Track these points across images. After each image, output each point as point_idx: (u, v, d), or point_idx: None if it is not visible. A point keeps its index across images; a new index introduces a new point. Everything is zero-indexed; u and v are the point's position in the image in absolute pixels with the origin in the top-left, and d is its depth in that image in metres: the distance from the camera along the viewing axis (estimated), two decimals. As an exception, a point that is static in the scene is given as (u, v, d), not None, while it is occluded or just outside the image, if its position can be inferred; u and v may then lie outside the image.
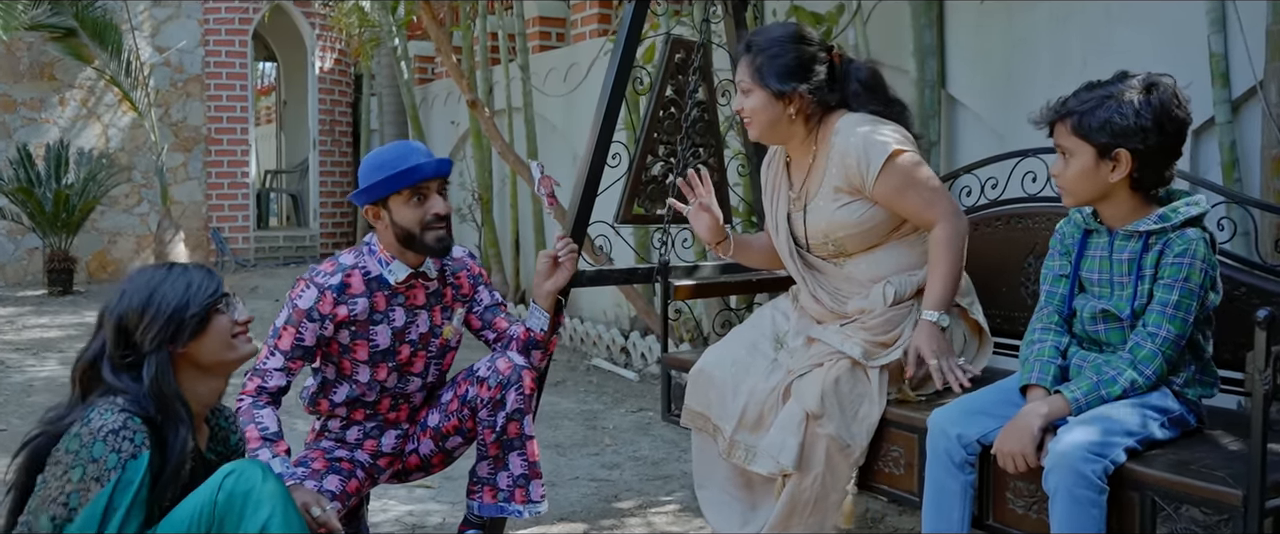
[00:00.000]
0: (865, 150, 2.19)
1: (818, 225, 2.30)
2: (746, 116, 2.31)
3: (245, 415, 2.19)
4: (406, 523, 2.97)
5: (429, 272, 2.38)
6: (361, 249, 2.37)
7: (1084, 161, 1.87)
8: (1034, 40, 3.44)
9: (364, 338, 2.32)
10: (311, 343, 2.28)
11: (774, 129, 2.29)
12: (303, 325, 2.26)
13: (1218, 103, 2.95)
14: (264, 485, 1.74)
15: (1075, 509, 1.71)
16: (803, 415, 2.12)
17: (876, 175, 2.19)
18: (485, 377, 2.37)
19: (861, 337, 2.18)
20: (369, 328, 2.32)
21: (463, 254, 2.52)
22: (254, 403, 2.22)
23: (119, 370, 1.77)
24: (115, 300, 1.80)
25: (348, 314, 2.29)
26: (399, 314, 2.35)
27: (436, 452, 2.47)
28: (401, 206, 2.27)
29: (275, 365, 2.26)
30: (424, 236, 2.28)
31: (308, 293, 2.28)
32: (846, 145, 2.21)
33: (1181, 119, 1.84)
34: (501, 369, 2.36)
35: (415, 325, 2.38)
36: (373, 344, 2.33)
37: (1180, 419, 1.87)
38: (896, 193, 2.20)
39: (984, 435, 1.91)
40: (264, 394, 2.24)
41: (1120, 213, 1.91)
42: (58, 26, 8.02)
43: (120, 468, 1.66)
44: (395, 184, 2.24)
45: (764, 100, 2.25)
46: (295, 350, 2.26)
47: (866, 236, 2.28)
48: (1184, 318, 1.83)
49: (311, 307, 2.26)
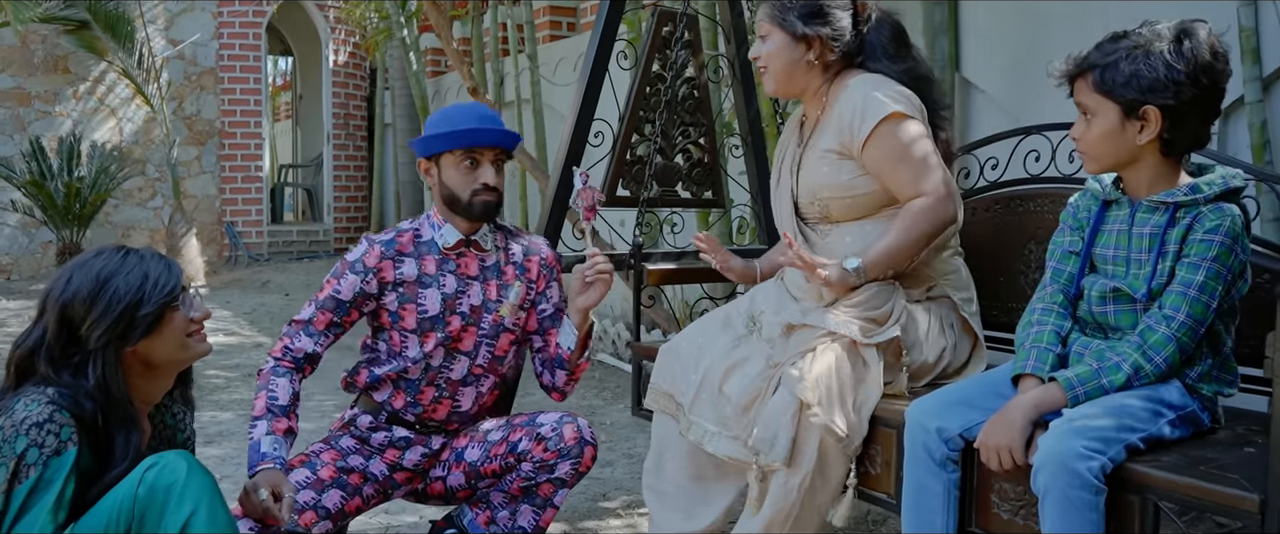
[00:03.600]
0: (863, 107, 2.05)
1: (807, 182, 2.17)
2: (763, 62, 2.20)
3: (263, 380, 2.12)
4: (381, 522, 2.84)
5: (484, 242, 2.28)
6: (422, 216, 2.33)
7: (1108, 121, 1.66)
8: (1052, 17, 3.26)
9: (412, 301, 2.22)
10: (348, 297, 2.20)
11: (791, 77, 2.17)
12: (343, 277, 2.21)
13: (1248, 81, 2.75)
14: (190, 479, 1.59)
15: (1068, 512, 1.50)
16: (795, 406, 1.92)
17: (867, 136, 2.03)
18: (547, 437, 2.21)
19: (854, 313, 2.01)
20: (417, 290, 2.22)
21: (541, 240, 2.41)
22: (275, 367, 2.14)
23: (59, 365, 1.61)
24: (61, 287, 1.63)
25: (394, 274, 2.21)
26: (450, 281, 2.25)
27: (465, 487, 2.30)
28: (451, 168, 2.21)
29: (306, 316, 2.20)
30: (470, 201, 2.21)
31: (357, 248, 2.25)
32: (846, 101, 2.08)
33: (1220, 71, 1.63)
34: (567, 437, 2.21)
35: (466, 296, 2.25)
36: (421, 309, 2.22)
37: (1192, 417, 1.66)
38: (886, 161, 2.04)
39: (967, 429, 1.70)
40: (289, 357, 2.16)
41: (1146, 180, 1.70)
42: (71, 19, 8.01)
43: (42, 465, 1.52)
44: (448, 143, 2.19)
45: (783, 43, 2.15)
46: (328, 301, 2.19)
47: (853, 205, 2.12)
48: (1207, 302, 1.61)
49: (357, 258, 2.22)
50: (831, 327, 2.00)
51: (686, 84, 2.66)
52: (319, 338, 2.19)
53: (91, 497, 1.57)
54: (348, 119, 10.06)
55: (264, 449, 2.00)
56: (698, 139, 2.72)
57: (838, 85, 2.17)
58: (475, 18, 6.88)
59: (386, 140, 9.77)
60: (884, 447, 1.93)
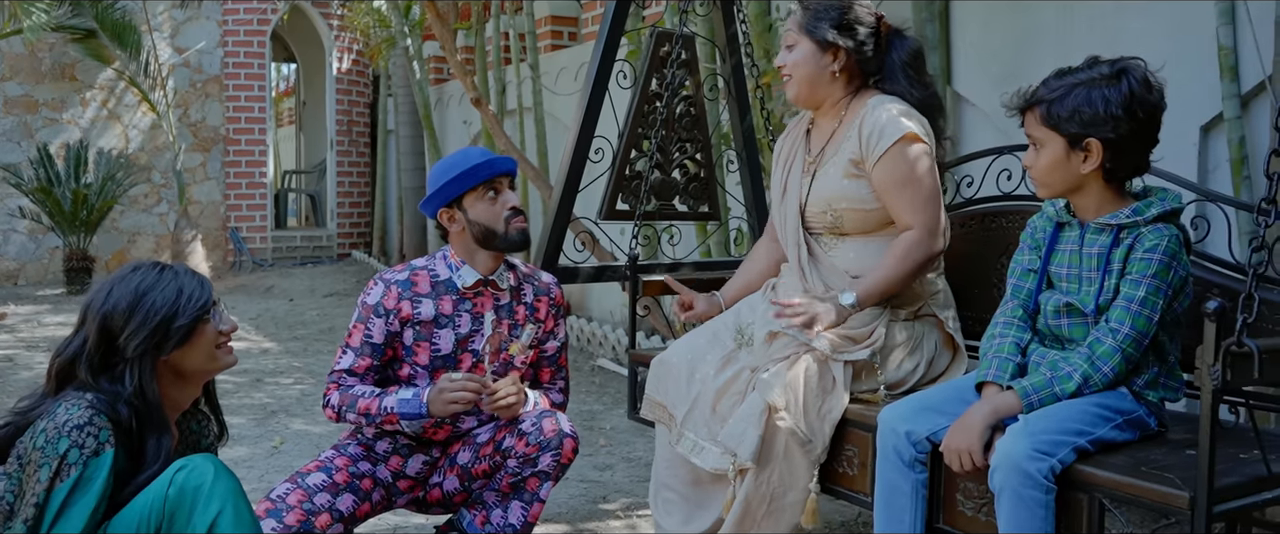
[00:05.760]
0: (882, 125, 2.16)
1: (821, 193, 2.25)
2: (788, 71, 2.28)
3: (344, 402, 2.25)
4: (389, 522, 2.94)
5: (501, 282, 2.36)
6: (434, 255, 2.39)
7: (1054, 152, 1.80)
8: (1040, 33, 3.35)
9: (426, 340, 2.30)
10: (381, 340, 2.30)
11: (814, 86, 2.26)
12: (370, 322, 2.29)
13: (1227, 97, 2.84)
14: (217, 481, 1.69)
15: (1020, 509, 1.63)
16: (764, 407, 2.05)
17: (882, 153, 2.14)
18: (527, 432, 2.30)
19: (833, 330, 2.11)
20: (433, 330, 2.30)
21: (550, 281, 2.49)
22: (340, 389, 2.27)
23: (98, 372, 1.72)
24: (102, 299, 1.74)
25: (412, 313, 2.29)
26: (465, 320, 2.33)
27: (460, 491, 2.41)
28: (477, 204, 2.28)
29: (346, 365, 2.29)
30: (507, 231, 2.29)
31: (375, 290, 2.31)
32: (869, 117, 2.18)
33: (1153, 104, 1.76)
34: (546, 430, 2.30)
35: (480, 334, 2.34)
36: (435, 348, 2.31)
37: (1139, 421, 1.78)
38: (893, 182, 2.14)
39: (934, 433, 1.83)
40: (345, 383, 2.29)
41: (1093, 204, 1.83)
42: (78, 28, 8.10)
43: (82, 465, 1.62)
44: (469, 180, 2.26)
45: (810, 51, 2.23)
46: (365, 347, 2.29)
47: (865, 219, 2.22)
48: (1149, 316, 1.74)
49: (377, 301, 2.29)
50: (805, 339, 2.10)
51: (683, 101, 2.75)
52: (363, 379, 2.30)
53: (125, 496, 1.67)
54: (351, 125, 10.15)
55: (405, 395, 2.20)
56: (694, 154, 2.81)
57: (858, 101, 2.26)
58: (477, 27, 6.98)
59: (389, 146, 9.85)
60: (860, 449, 2.04)
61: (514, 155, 5.63)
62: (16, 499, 1.63)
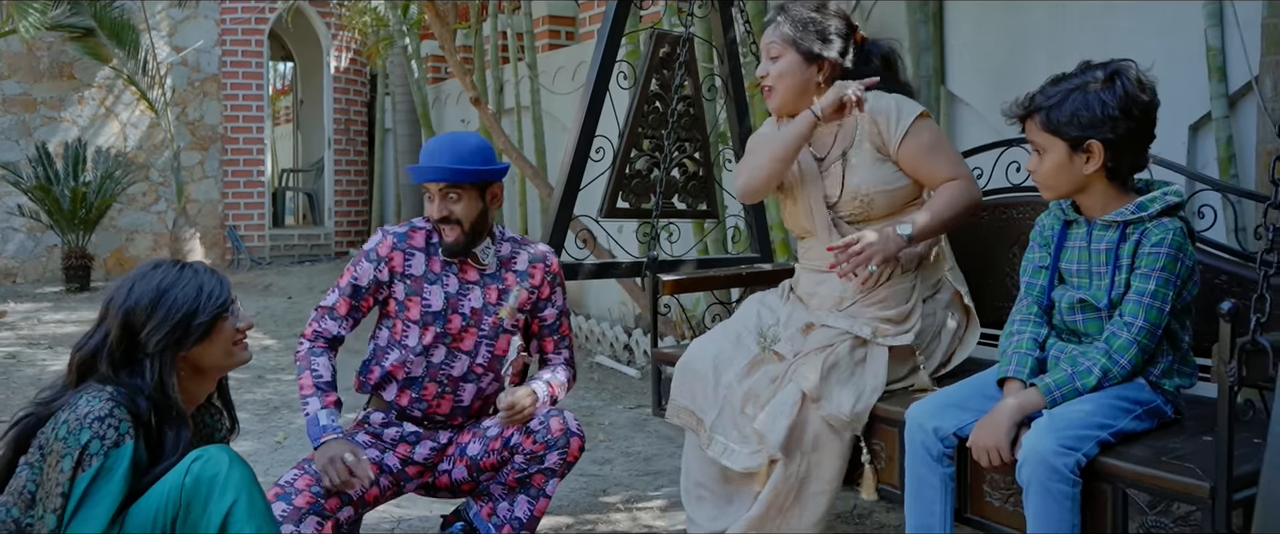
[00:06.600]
0: (898, 107, 2.26)
1: (855, 185, 2.30)
2: (771, 81, 2.33)
3: (302, 361, 2.30)
4: (393, 514, 2.99)
5: (483, 256, 2.43)
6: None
7: (1057, 156, 1.86)
8: (1033, 36, 3.40)
9: (418, 294, 2.38)
10: (365, 283, 2.38)
11: (799, 96, 2.32)
12: (360, 264, 2.39)
13: (1214, 97, 2.90)
14: (231, 472, 1.74)
15: (1048, 502, 1.71)
16: (798, 397, 2.10)
17: (906, 130, 2.23)
18: (535, 430, 2.37)
19: (869, 313, 2.17)
20: (423, 285, 2.38)
21: (546, 250, 2.55)
22: (312, 349, 2.33)
23: (119, 366, 1.77)
24: (123, 295, 1.79)
25: (404, 265, 2.37)
26: (453, 281, 2.41)
27: (468, 480, 2.47)
28: (425, 199, 2.37)
29: (330, 303, 2.38)
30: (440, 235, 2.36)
31: (373, 237, 2.43)
32: (878, 105, 2.27)
33: (1147, 102, 1.83)
34: (554, 429, 2.37)
35: (467, 298, 2.41)
36: (426, 304, 2.38)
37: (1157, 410, 1.86)
38: (925, 151, 2.23)
39: (960, 428, 1.90)
40: (320, 338, 2.34)
41: (1098, 203, 1.90)
42: (76, 26, 8.11)
43: (103, 455, 1.67)
44: (415, 175, 2.35)
45: (795, 63, 2.30)
46: (348, 288, 2.37)
47: (893, 199, 2.30)
48: (1160, 307, 1.81)
49: (372, 247, 2.40)
50: (846, 327, 2.17)
51: (683, 102, 2.80)
52: (342, 322, 2.37)
53: (143, 486, 1.72)
54: (349, 124, 10.18)
55: (323, 422, 2.21)
56: (693, 154, 2.86)
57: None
58: (475, 26, 7.01)
59: (387, 145, 9.88)
60: (888, 443, 2.11)
61: (512, 154, 5.67)
62: (38, 488, 1.68)
